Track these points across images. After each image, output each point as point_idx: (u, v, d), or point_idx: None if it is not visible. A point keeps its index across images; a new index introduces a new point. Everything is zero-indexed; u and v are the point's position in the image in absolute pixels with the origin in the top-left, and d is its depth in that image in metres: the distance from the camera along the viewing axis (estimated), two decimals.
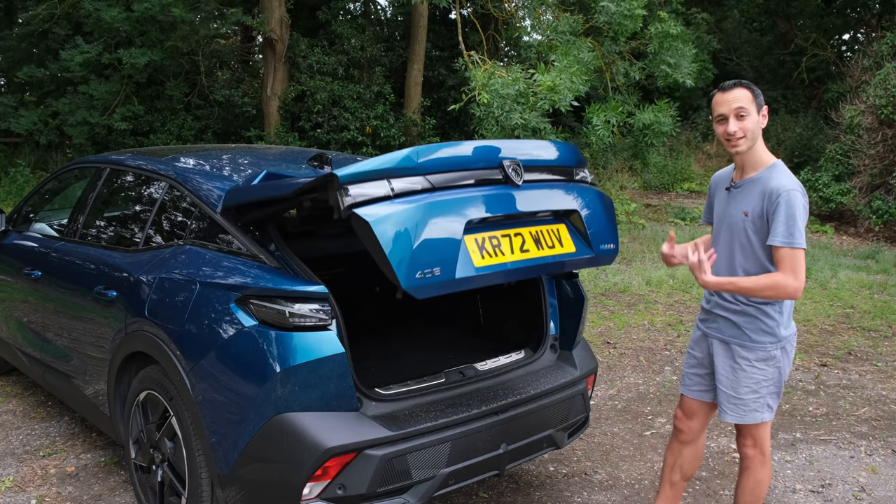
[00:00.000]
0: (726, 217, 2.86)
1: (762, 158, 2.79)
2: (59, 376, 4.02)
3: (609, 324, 6.72)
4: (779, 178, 2.71)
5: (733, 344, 2.84)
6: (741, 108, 2.71)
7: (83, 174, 4.51)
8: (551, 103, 9.63)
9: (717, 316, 2.90)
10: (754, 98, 2.74)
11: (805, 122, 14.71)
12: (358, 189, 2.49)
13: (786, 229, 2.63)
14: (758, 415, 2.84)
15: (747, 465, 2.96)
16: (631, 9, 9.83)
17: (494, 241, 2.78)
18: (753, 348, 2.80)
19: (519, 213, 2.84)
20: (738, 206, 2.80)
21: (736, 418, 2.86)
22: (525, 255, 2.85)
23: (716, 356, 2.90)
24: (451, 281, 2.60)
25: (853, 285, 8.22)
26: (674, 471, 3.14)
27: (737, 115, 2.72)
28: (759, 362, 2.81)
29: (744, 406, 2.83)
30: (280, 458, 2.66)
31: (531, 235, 2.91)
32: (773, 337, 2.79)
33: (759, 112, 2.74)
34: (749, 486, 2.95)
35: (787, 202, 2.64)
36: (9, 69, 14.45)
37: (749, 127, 2.72)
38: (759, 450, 2.93)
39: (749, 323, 2.80)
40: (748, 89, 2.74)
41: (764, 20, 17.57)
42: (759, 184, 2.74)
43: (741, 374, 2.82)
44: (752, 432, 2.91)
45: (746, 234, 2.77)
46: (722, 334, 2.88)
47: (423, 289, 2.52)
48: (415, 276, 2.49)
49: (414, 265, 2.48)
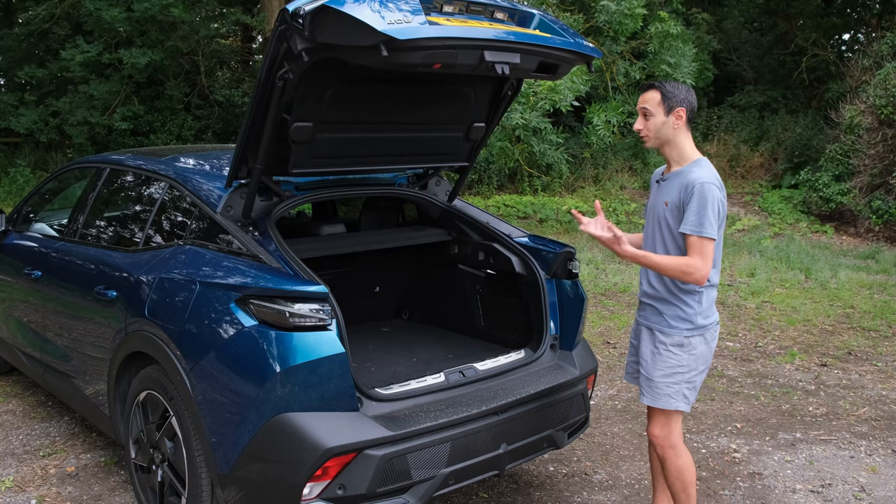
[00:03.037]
0: (653, 208, 3.04)
1: (686, 154, 2.96)
2: (59, 376, 4.02)
3: (609, 324, 6.72)
4: (698, 172, 2.88)
5: (655, 329, 3.01)
6: (645, 108, 2.94)
7: (83, 174, 4.51)
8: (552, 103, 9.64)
9: (645, 305, 3.09)
10: (663, 101, 2.91)
11: (805, 122, 14.70)
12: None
13: (696, 219, 2.80)
14: (671, 401, 2.98)
15: (661, 454, 3.08)
16: (631, 8, 9.84)
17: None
18: (671, 333, 2.96)
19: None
20: (661, 198, 2.99)
21: (650, 401, 3.02)
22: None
23: (641, 342, 3.09)
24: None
25: (853, 285, 8.22)
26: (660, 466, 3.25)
27: (642, 114, 2.96)
28: (675, 347, 2.96)
29: (657, 389, 2.99)
30: (280, 458, 2.65)
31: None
32: (689, 324, 2.94)
33: (669, 113, 2.90)
34: (673, 475, 3.08)
35: (701, 193, 2.81)
36: (9, 69, 14.45)
37: (652, 126, 2.93)
38: (667, 440, 3.03)
39: (668, 309, 2.97)
40: (659, 92, 2.92)
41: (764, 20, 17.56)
42: (681, 177, 2.92)
43: (658, 358, 2.99)
44: (663, 420, 3.03)
45: (667, 223, 2.95)
46: (647, 321, 3.06)
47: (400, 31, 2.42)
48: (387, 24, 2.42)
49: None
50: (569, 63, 3.04)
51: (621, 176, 14.11)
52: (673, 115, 2.90)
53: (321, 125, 3.12)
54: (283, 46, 2.64)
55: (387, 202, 4.28)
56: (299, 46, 2.57)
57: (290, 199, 3.34)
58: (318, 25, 2.52)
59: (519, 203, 12.34)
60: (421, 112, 3.45)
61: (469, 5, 2.77)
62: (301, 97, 2.96)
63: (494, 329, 3.90)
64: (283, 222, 4.07)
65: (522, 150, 10.80)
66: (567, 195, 13.40)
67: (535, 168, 12.32)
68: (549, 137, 10.46)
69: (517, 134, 10.16)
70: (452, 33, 2.58)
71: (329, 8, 2.46)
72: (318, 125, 3.11)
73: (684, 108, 2.91)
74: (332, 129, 3.20)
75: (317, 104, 3.04)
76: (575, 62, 3.06)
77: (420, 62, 2.59)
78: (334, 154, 3.34)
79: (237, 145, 3.01)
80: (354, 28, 2.42)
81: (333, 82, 3.01)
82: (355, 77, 3.05)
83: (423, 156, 3.71)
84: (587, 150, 12.87)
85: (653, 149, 3.08)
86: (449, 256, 4.08)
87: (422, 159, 3.74)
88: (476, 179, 13.07)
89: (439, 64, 2.63)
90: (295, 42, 2.57)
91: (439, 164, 3.86)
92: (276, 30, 2.61)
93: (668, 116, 2.90)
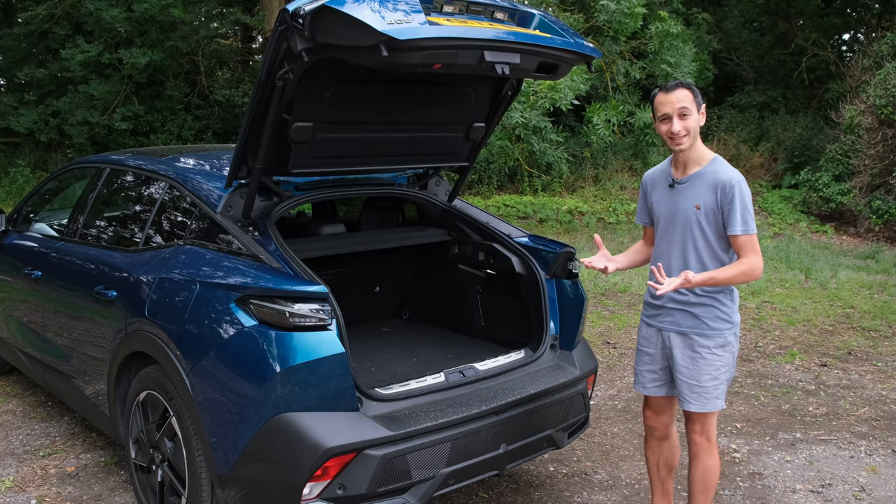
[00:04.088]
0: (675, 213, 2.95)
1: (703, 154, 2.93)
2: (59, 376, 4.02)
3: (609, 324, 6.72)
4: (726, 170, 2.86)
5: (691, 334, 2.94)
6: (684, 107, 2.84)
7: (83, 174, 4.51)
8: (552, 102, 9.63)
9: (670, 310, 2.99)
10: (694, 98, 2.87)
11: (805, 122, 14.69)
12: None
13: (742, 218, 2.80)
14: (718, 402, 2.95)
15: (695, 451, 3.06)
16: (631, 7, 9.83)
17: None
18: (712, 336, 2.91)
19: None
20: (688, 201, 2.91)
21: (699, 407, 2.95)
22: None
23: (674, 349, 2.99)
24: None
25: (853, 285, 8.22)
26: (659, 468, 3.23)
27: (680, 115, 2.85)
28: (718, 349, 2.92)
29: (706, 394, 2.93)
30: (280, 458, 2.65)
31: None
32: (728, 323, 2.92)
33: (698, 111, 2.88)
34: (699, 473, 3.06)
35: (741, 193, 2.80)
36: (9, 69, 14.45)
37: (691, 125, 2.85)
38: (706, 437, 3.03)
39: (705, 312, 2.91)
40: (689, 89, 2.87)
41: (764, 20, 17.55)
42: (707, 177, 2.87)
43: (702, 363, 2.92)
44: (703, 419, 3.01)
45: (700, 226, 2.89)
46: (679, 326, 2.97)
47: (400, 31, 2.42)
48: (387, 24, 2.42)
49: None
50: (569, 63, 3.04)
51: (621, 176, 14.10)
52: (701, 111, 2.89)
53: (321, 125, 3.12)
54: (283, 46, 2.64)
55: (387, 202, 4.28)
56: (299, 46, 2.57)
57: (290, 199, 3.34)
58: (318, 25, 2.52)
59: (519, 203, 12.34)
60: (421, 112, 3.45)
61: (469, 5, 2.77)
62: (301, 97, 2.96)
63: (494, 329, 3.90)
64: (283, 222, 4.08)
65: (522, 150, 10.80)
66: (567, 195, 13.40)
67: (535, 167, 12.32)
68: (549, 136, 10.45)
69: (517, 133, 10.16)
70: (452, 33, 2.58)
71: (329, 8, 2.46)
72: (318, 125, 3.11)
73: (704, 105, 2.92)
74: (332, 129, 3.20)
75: (317, 104, 3.04)
76: (575, 62, 3.06)
77: (420, 62, 2.59)
78: (334, 154, 3.34)
79: (237, 145, 3.01)
80: (354, 28, 2.43)
81: (333, 82, 3.01)
82: (355, 77, 3.05)
83: (423, 156, 3.71)
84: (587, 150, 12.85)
85: (685, 150, 2.89)
86: (449, 256, 4.08)
87: (422, 159, 3.75)
88: (476, 179, 13.07)
89: (439, 64, 2.63)
90: (295, 42, 2.58)
91: (439, 164, 3.86)
92: (276, 30, 2.61)
93: (699, 114, 2.89)
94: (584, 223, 11.83)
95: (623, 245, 10.24)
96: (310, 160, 3.25)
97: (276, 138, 3.00)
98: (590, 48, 3.01)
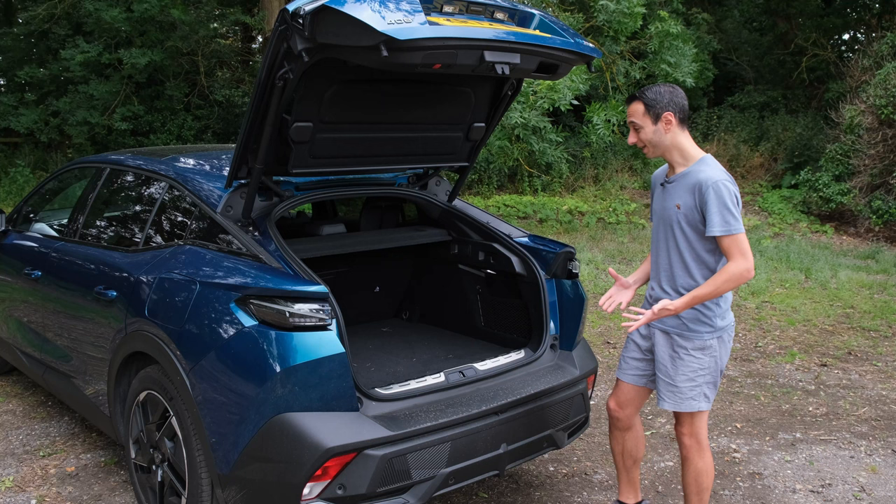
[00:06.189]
0: (662, 212, 3.01)
1: (689, 154, 2.93)
2: (59, 376, 4.02)
3: (609, 324, 6.72)
4: (706, 170, 2.85)
5: (673, 334, 2.98)
6: (633, 122, 2.94)
7: (83, 174, 4.51)
8: (551, 102, 9.64)
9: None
10: (647, 110, 2.89)
11: (805, 122, 14.68)
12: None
13: (720, 218, 2.77)
14: (694, 403, 2.98)
15: (686, 454, 3.09)
16: (630, 7, 9.83)
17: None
18: (691, 337, 2.94)
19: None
20: (671, 200, 2.96)
21: (673, 405, 3.00)
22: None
23: (657, 346, 3.05)
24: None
25: (853, 285, 8.22)
26: (624, 457, 3.30)
27: (633, 128, 2.96)
28: (696, 351, 2.95)
29: (680, 394, 2.98)
30: (280, 457, 2.66)
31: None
32: (709, 327, 2.94)
33: (657, 121, 2.89)
34: (691, 476, 3.09)
35: (716, 192, 2.78)
36: (9, 69, 14.45)
37: (644, 138, 2.93)
38: (695, 439, 3.05)
39: (688, 313, 2.93)
40: (641, 102, 2.90)
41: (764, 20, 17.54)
42: (689, 177, 2.89)
43: (679, 363, 2.97)
44: (689, 420, 3.04)
45: (680, 226, 2.92)
46: (663, 325, 3.02)
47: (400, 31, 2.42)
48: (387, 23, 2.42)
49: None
50: (569, 63, 3.04)
51: (621, 176, 14.10)
52: (661, 121, 2.88)
53: (321, 125, 3.12)
54: (283, 46, 2.64)
55: (387, 202, 4.28)
56: (299, 46, 2.57)
57: (290, 199, 3.34)
58: (319, 25, 2.52)
59: (519, 203, 12.34)
60: (421, 112, 3.45)
61: (469, 5, 2.77)
62: (301, 97, 2.96)
63: (494, 329, 3.90)
64: (283, 222, 4.08)
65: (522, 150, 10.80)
66: (567, 195, 13.40)
67: (535, 167, 12.33)
68: (549, 136, 10.46)
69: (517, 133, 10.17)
70: (452, 33, 2.58)
71: (329, 8, 2.46)
72: (318, 125, 3.11)
73: (671, 112, 2.87)
74: (332, 129, 3.20)
75: (317, 104, 3.04)
76: (575, 62, 3.06)
77: (420, 62, 2.59)
78: (334, 154, 3.34)
79: (237, 145, 3.01)
80: (355, 28, 2.43)
81: (333, 82, 3.01)
82: (355, 77, 3.05)
83: (423, 156, 3.71)
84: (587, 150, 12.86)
85: (652, 157, 3.05)
86: (449, 256, 4.08)
87: (422, 159, 3.75)
88: (476, 179, 13.07)
89: (439, 64, 2.63)
90: (295, 42, 2.58)
91: (439, 164, 3.86)
92: (276, 30, 2.62)
93: (657, 124, 2.88)
94: (584, 223, 11.83)
95: (623, 245, 10.24)
96: (310, 160, 3.25)
97: (276, 138, 3.00)
98: (590, 48, 3.01)
